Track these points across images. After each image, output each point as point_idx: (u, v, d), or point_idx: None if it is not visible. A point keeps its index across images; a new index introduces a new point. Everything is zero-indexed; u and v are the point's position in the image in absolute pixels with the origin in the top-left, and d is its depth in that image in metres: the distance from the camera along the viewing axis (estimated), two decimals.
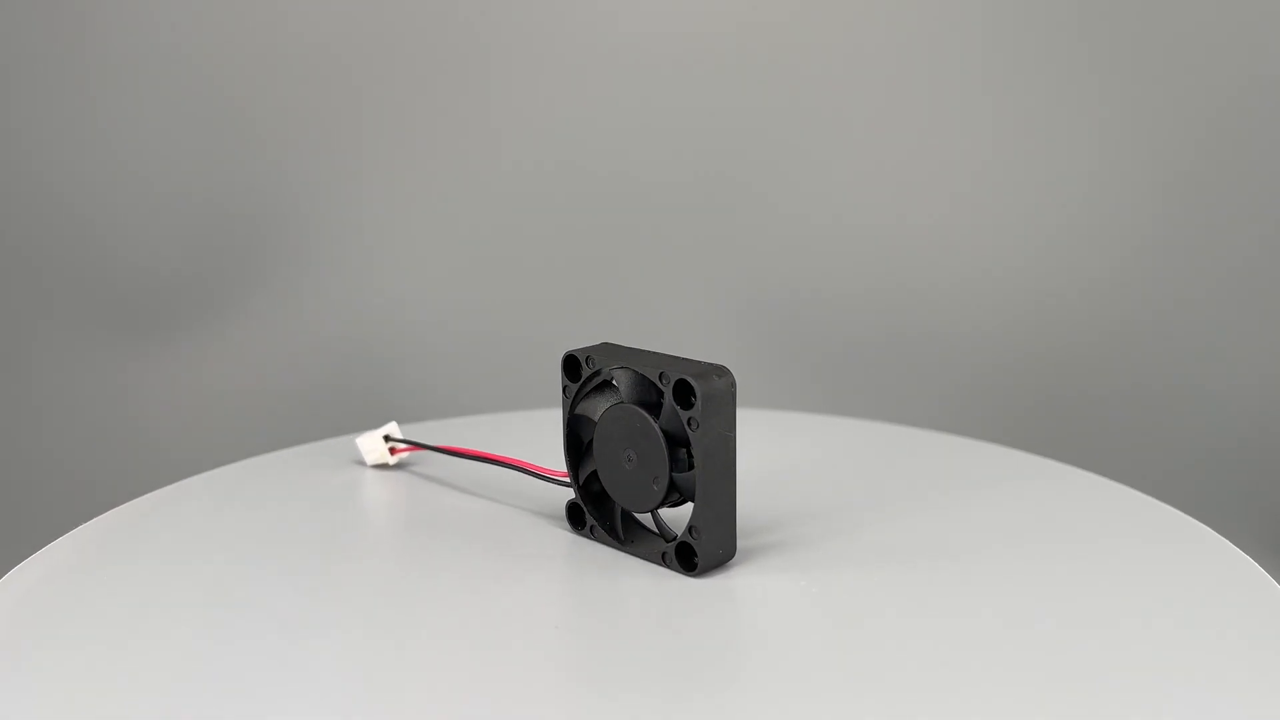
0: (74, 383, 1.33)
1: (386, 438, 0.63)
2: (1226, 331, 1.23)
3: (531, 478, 0.55)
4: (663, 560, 0.48)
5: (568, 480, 0.52)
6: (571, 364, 0.50)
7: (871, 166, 1.26)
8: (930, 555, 0.49)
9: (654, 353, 0.49)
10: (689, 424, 0.45)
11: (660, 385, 0.46)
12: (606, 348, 0.50)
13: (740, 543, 0.49)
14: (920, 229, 1.26)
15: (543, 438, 0.62)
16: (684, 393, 0.45)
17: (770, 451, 0.65)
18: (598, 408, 0.50)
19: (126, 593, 0.47)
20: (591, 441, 0.50)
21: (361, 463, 0.64)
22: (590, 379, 0.50)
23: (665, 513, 0.49)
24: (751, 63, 1.25)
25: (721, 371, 0.46)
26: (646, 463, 0.47)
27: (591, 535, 0.52)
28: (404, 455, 0.64)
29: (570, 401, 0.51)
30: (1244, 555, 0.49)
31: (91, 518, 0.55)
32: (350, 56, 1.27)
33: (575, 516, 0.52)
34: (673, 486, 0.47)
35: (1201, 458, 1.24)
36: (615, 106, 1.27)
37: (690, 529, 0.47)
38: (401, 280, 1.31)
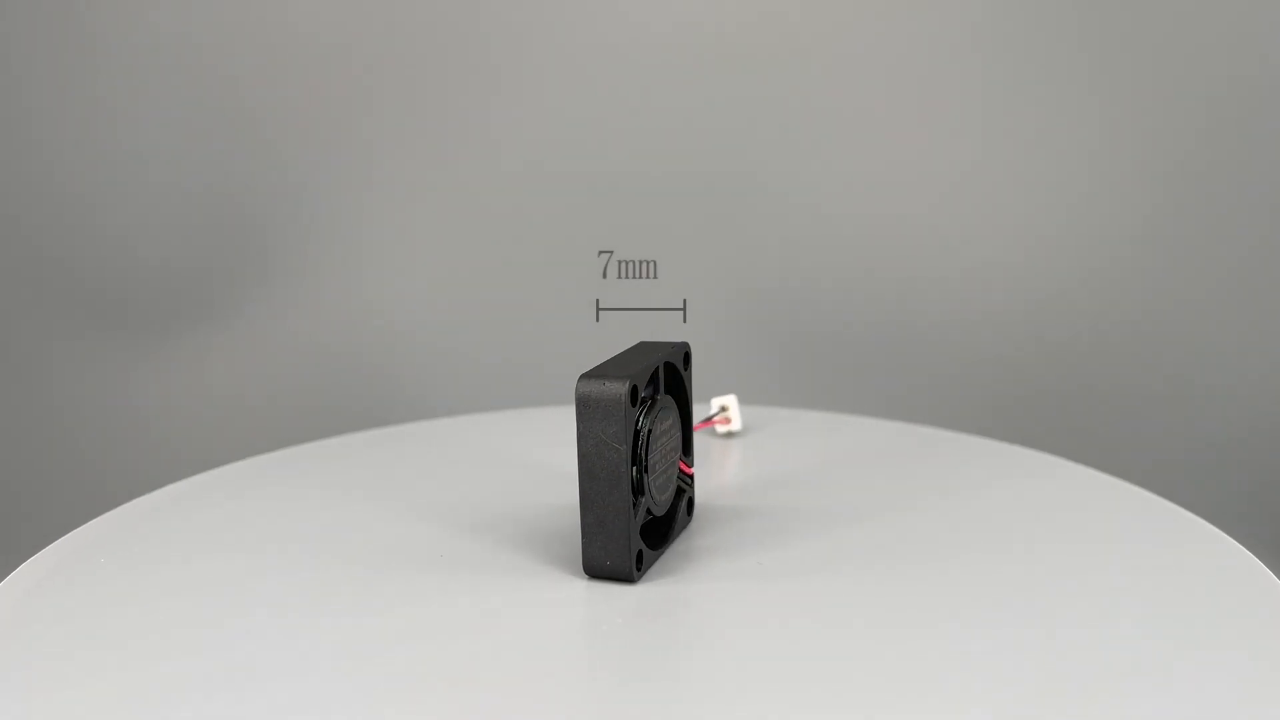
0: (73, 382, 1.33)
1: (722, 408, 0.70)
2: (1226, 325, 1.23)
3: None
4: None
5: None
6: None
7: (868, 158, 1.26)
8: (923, 554, 0.49)
9: (656, 356, 0.48)
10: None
11: None
12: (665, 345, 0.49)
13: (712, 542, 0.49)
14: (917, 220, 1.26)
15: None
16: None
17: (769, 449, 0.65)
18: None
19: (131, 592, 0.47)
20: None
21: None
22: None
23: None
24: (753, 60, 1.25)
25: (615, 380, 0.43)
26: None
27: None
28: (730, 426, 0.70)
29: None
30: (1244, 550, 0.49)
31: (92, 518, 0.55)
32: (354, 57, 1.27)
33: None
34: None
35: (1201, 452, 1.24)
36: (613, 107, 1.27)
37: None
38: (402, 282, 1.31)
